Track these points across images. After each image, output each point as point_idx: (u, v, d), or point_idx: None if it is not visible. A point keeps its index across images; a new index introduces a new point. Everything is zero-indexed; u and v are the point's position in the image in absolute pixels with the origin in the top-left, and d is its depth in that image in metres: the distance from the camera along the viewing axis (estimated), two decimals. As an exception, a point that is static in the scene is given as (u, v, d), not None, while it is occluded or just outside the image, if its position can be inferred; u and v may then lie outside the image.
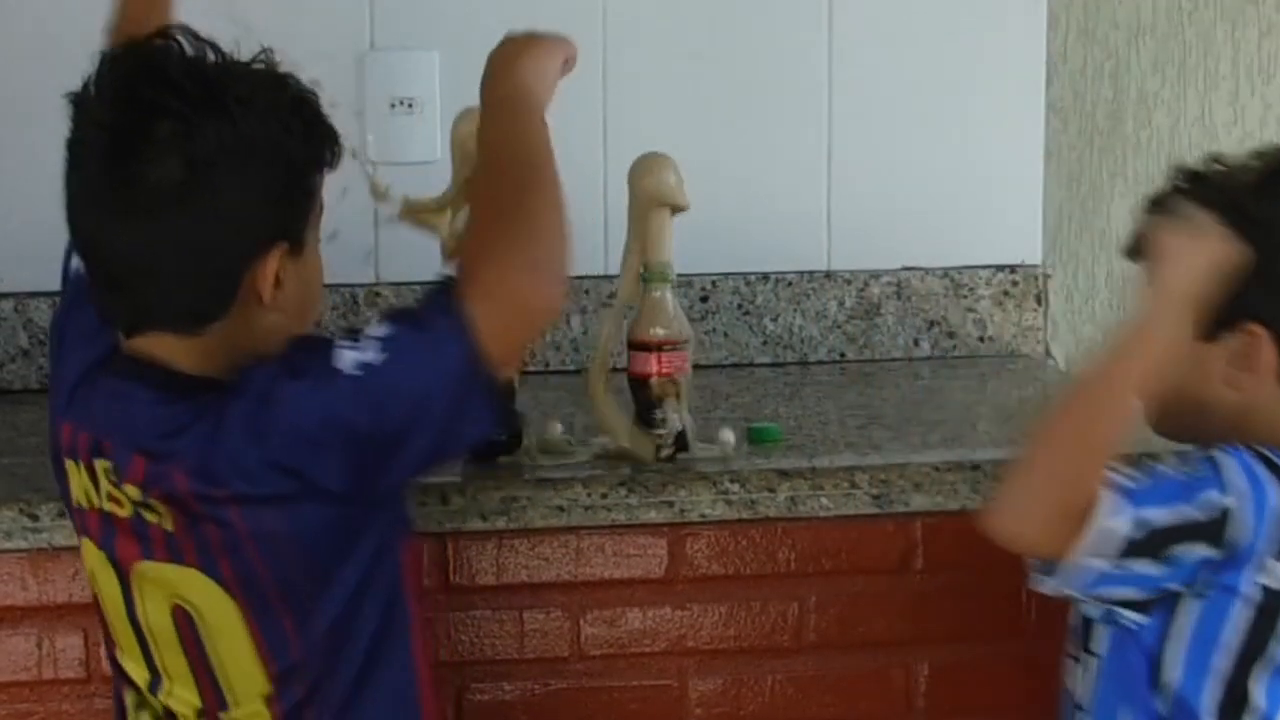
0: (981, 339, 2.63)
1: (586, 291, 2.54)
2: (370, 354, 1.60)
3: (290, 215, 1.69)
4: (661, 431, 2.04)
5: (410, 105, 2.48)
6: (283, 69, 1.70)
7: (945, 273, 2.62)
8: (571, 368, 2.53)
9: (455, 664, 2.00)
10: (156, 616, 1.70)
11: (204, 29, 1.69)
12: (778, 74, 2.57)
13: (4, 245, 2.47)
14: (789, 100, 2.58)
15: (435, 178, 2.48)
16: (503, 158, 1.72)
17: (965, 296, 2.62)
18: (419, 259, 2.48)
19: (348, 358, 1.60)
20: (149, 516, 1.66)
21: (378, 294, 2.51)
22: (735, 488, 2.00)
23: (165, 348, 1.67)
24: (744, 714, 2.04)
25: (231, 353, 1.67)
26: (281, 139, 1.66)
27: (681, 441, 2.04)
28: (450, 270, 1.68)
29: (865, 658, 2.06)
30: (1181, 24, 2.68)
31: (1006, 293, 2.63)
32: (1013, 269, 2.63)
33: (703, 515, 2.00)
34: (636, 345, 2.06)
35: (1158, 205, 1.80)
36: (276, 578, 1.65)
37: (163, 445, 1.64)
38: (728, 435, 2.06)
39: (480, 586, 1.99)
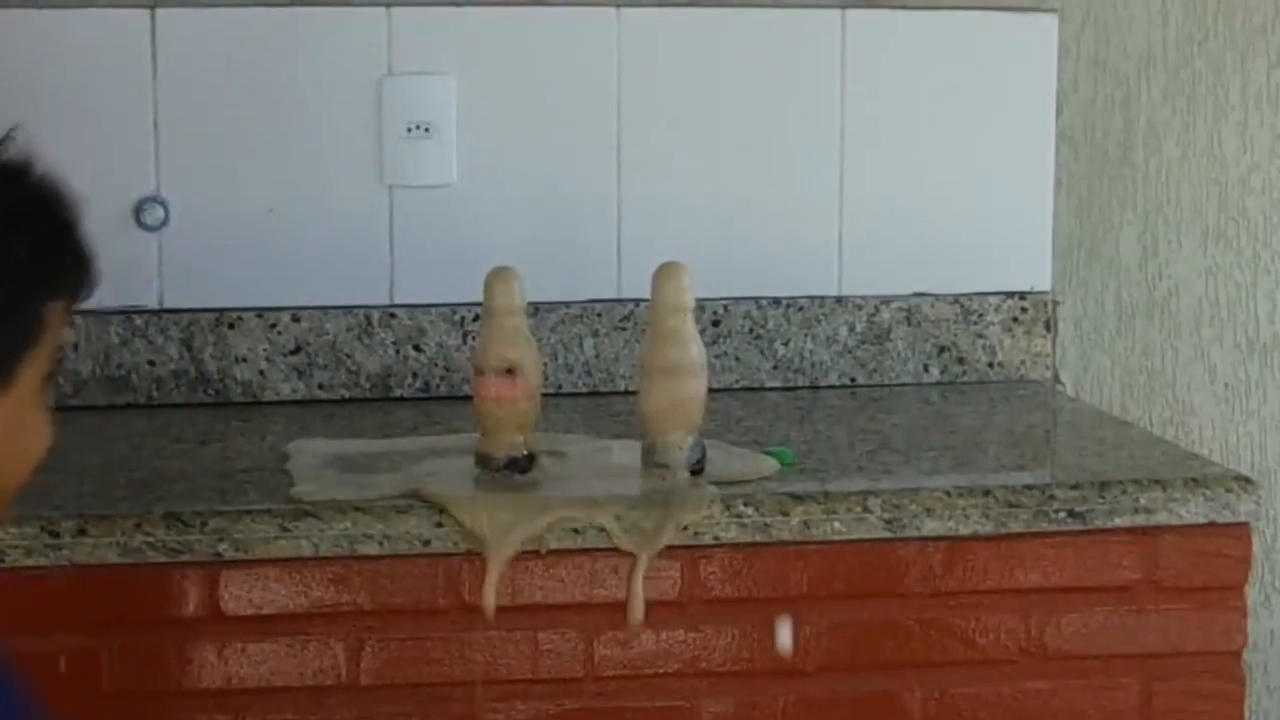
0: (991, 365, 2.65)
1: (599, 315, 2.55)
2: None
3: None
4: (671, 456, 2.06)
5: (427, 130, 2.50)
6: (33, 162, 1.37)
7: (955, 299, 2.63)
8: (583, 390, 2.54)
9: (469, 684, 2.01)
10: None
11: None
12: (791, 100, 2.58)
13: None
14: (801, 125, 2.59)
15: (451, 200, 2.50)
16: None
17: (975, 323, 2.63)
18: (433, 281, 2.51)
19: None
20: None
21: (393, 315, 2.52)
22: (749, 511, 2.01)
23: None
24: (755, 736, 2.06)
25: None
26: None
27: (696, 465, 2.06)
28: None
29: (877, 681, 2.06)
30: (1191, 54, 2.69)
31: (1016, 319, 2.64)
32: (1022, 296, 2.65)
33: (716, 538, 2.01)
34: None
35: None
36: None
37: None
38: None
39: (495, 607, 2.00)
